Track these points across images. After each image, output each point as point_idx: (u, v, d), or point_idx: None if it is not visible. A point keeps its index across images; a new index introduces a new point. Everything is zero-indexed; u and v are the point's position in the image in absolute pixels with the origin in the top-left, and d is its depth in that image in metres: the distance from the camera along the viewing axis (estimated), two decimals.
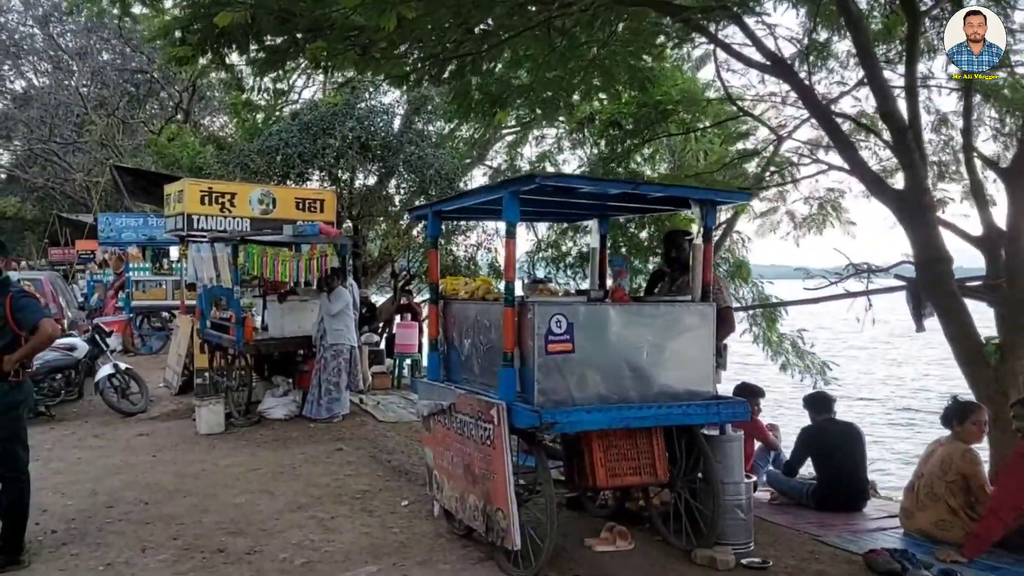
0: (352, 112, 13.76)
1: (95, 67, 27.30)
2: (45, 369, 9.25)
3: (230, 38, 7.34)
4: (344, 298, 8.94)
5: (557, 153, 21.60)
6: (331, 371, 8.79)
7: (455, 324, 4.99)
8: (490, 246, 17.04)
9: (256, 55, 8.26)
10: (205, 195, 10.52)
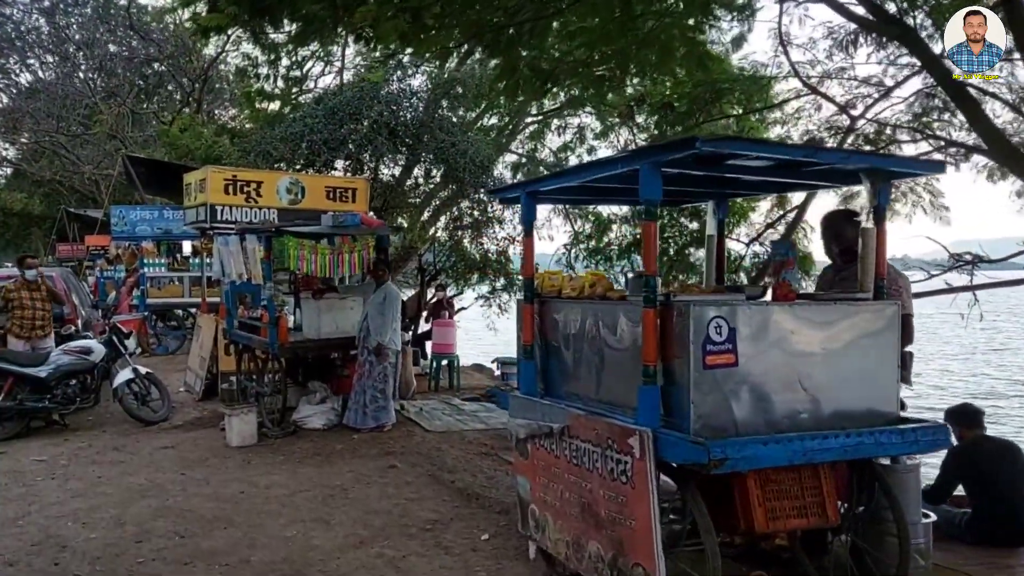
0: (378, 96, 12.88)
1: (102, 58, 26.52)
2: (58, 374, 8.44)
3: (266, 5, 6.50)
4: (392, 295, 8.11)
5: (579, 144, 20.75)
6: (377, 376, 7.95)
7: (556, 327, 4.13)
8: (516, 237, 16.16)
9: (292, 25, 7.42)
10: (229, 184, 9.69)
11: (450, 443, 7.66)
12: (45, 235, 34.08)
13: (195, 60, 23.08)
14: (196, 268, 13.88)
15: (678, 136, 11.55)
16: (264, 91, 20.04)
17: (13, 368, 8.27)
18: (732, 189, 4.42)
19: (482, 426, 8.49)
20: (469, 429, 8.31)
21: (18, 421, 8.31)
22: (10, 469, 6.93)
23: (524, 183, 4.41)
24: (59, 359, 8.53)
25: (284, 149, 12.43)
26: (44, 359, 8.49)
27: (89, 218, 26.49)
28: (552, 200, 5.42)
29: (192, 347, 10.87)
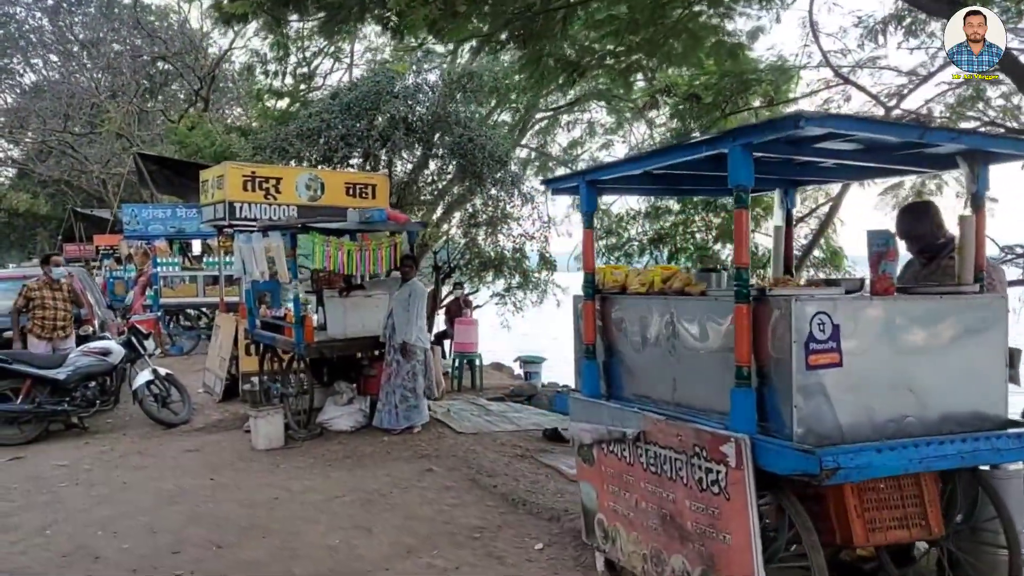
0: (393, 90, 12.62)
1: (108, 57, 26.30)
2: (77, 376, 8.20)
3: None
4: (417, 291, 7.86)
5: (588, 139, 20.48)
6: (406, 375, 7.70)
7: (621, 325, 3.87)
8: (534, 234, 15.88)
9: (318, 15, 7.19)
10: (248, 180, 9.46)
11: (483, 445, 7.41)
12: (51, 235, 33.89)
13: (202, 58, 22.83)
14: (211, 267, 13.66)
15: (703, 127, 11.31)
16: (273, 88, 19.81)
17: (31, 370, 8.03)
18: (803, 176, 4.16)
19: (513, 427, 8.25)
20: (500, 430, 8.07)
21: (37, 424, 8.08)
22: (32, 475, 6.69)
23: (585, 171, 4.15)
24: (78, 360, 8.29)
25: (300, 145, 12.19)
26: (62, 361, 8.26)
27: (96, 218, 26.30)
28: (614, 190, 5.13)
29: (210, 347, 10.63)
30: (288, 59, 19.16)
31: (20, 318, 8.57)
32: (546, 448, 7.53)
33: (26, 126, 24.59)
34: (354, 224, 7.63)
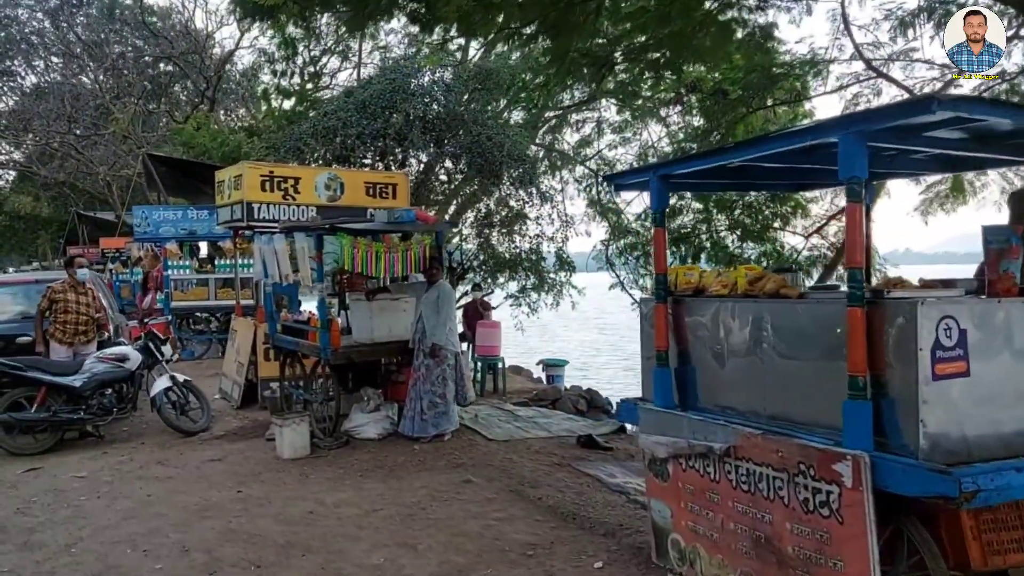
0: (409, 87, 12.37)
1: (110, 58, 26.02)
2: (93, 384, 7.92)
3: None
4: (445, 292, 7.60)
5: (597, 138, 20.15)
6: (435, 380, 7.43)
7: (700, 330, 3.61)
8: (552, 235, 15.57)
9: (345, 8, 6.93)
10: (266, 180, 9.19)
11: (518, 453, 7.15)
12: (52, 238, 33.58)
13: (207, 57, 22.55)
14: (223, 270, 13.38)
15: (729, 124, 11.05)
16: (281, 87, 19.56)
17: (45, 377, 7.75)
18: (891, 169, 3.90)
19: (545, 434, 7.99)
20: (532, 437, 7.81)
21: (52, 433, 7.80)
22: (51, 488, 6.41)
23: (656, 166, 3.88)
24: (94, 367, 8.01)
25: (315, 144, 11.93)
26: (78, 367, 7.98)
27: (100, 220, 25.98)
28: (686, 186, 4.86)
29: (227, 352, 10.35)
30: (296, 58, 18.93)
31: (43, 322, 8.28)
32: (582, 456, 7.26)
33: (29, 128, 24.27)
34: (382, 224, 7.36)
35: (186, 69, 23.22)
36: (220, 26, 30.98)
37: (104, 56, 25.40)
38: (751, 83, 10.56)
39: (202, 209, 13.15)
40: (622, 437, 8.14)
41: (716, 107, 10.99)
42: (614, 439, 7.99)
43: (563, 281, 15.99)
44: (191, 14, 26.87)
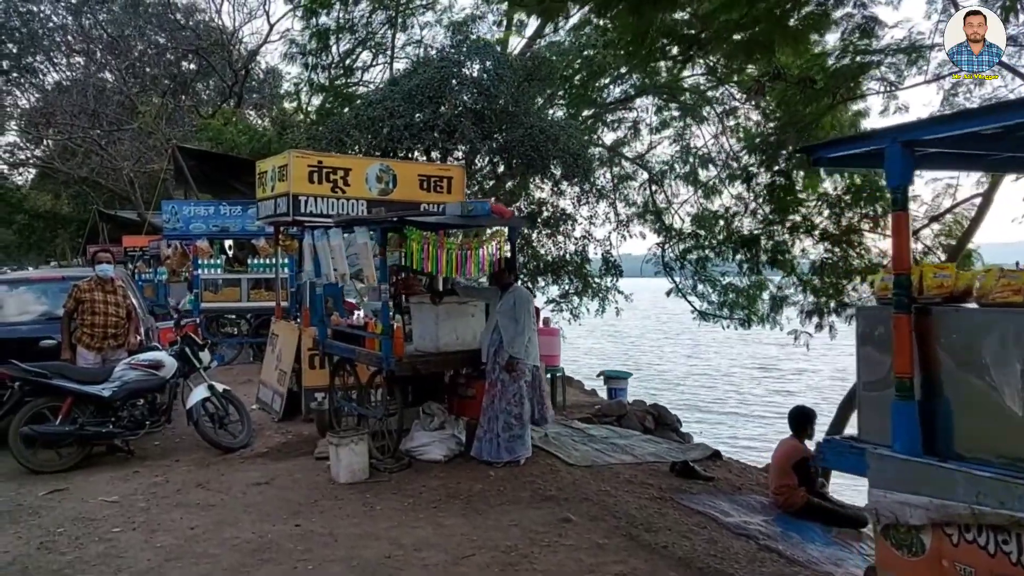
0: (460, 75, 11.50)
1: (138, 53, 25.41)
2: (124, 393, 7.08)
3: None
4: (522, 298, 6.71)
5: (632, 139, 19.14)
6: (511, 398, 6.54)
7: (962, 351, 2.69)
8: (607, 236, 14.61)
9: None
10: (314, 171, 8.37)
11: (608, 482, 6.23)
12: (72, 238, 33.01)
13: (236, 51, 21.84)
14: (257, 269, 12.56)
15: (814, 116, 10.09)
16: (312, 81, 18.75)
17: (72, 386, 6.92)
18: None
19: (630, 459, 7.06)
20: (617, 463, 6.89)
21: (78, 448, 6.97)
22: (78, 515, 5.57)
23: (897, 129, 2.97)
24: (125, 375, 7.17)
25: (358, 135, 11.09)
26: (107, 375, 7.14)
27: (121, 219, 25.35)
28: (936, 161, 3.87)
29: (266, 358, 9.50)
30: (328, 51, 18.14)
31: (70, 324, 7.43)
32: (681, 486, 6.34)
33: (51, 123, 23.63)
34: (454, 218, 6.47)
35: (212, 63, 22.49)
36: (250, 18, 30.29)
37: (128, 51, 24.80)
38: (841, 71, 9.64)
39: (235, 204, 12.34)
40: (717, 464, 7.21)
41: (799, 97, 10.04)
42: (709, 465, 7.05)
43: (609, 286, 15.08)
44: (218, 8, 26.15)
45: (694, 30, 8.04)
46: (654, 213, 14.03)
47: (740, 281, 13.64)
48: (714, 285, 13.17)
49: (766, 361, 37.21)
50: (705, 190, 13.86)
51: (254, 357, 13.13)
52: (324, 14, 17.44)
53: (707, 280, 13.41)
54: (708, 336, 48.53)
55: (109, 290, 7.51)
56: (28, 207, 33.28)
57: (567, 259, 14.67)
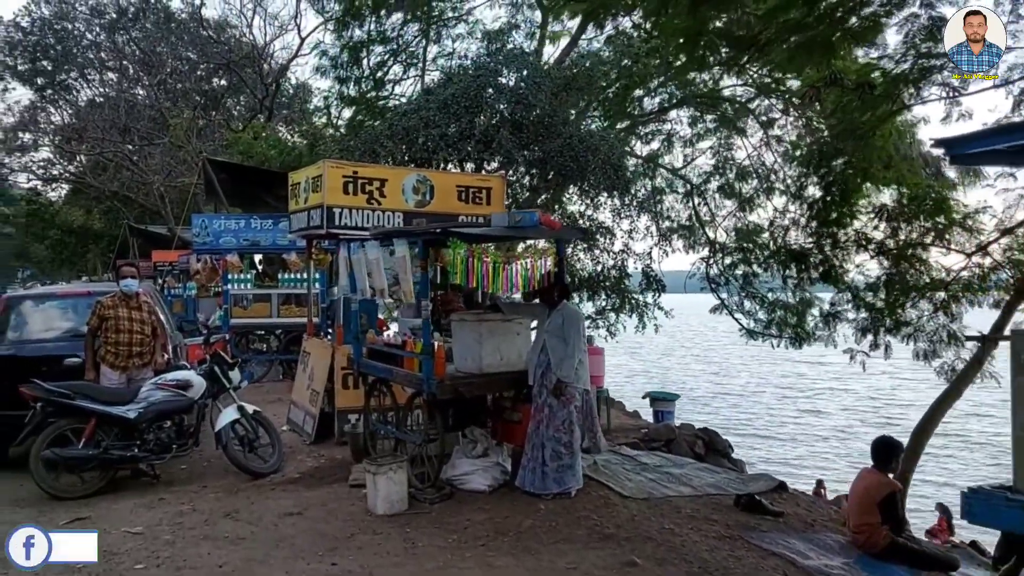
0: (497, 84, 11.13)
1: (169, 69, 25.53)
2: (150, 415, 6.72)
3: None
4: (572, 316, 6.24)
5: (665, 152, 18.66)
6: (560, 425, 6.06)
7: None
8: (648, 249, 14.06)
9: None
10: (349, 181, 8.02)
11: (669, 518, 5.71)
12: (103, 253, 33.17)
13: (267, 65, 21.75)
14: (287, 284, 12.24)
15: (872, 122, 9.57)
16: (343, 95, 18.55)
17: (96, 407, 6.57)
18: None
19: (688, 491, 6.53)
20: (675, 495, 6.36)
21: (101, 473, 6.62)
22: (101, 547, 5.15)
23: None
24: (151, 395, 6.82)
25: (392, 146, 10.74)
26: (133, 395, 6.79)
27: (151, 233, 25.35)
28: None
29: (297, 378, 9.12)
30: (360, 64, 17.94)
31: (94, 342, 7.09)
32: (748, 522, 5.80)
33: (83, 138, 23.73)
34: (500, 230, 6.04)
35: (243, 77, 22.42)
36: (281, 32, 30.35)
37: (160, 67, 24.90)
38: (901, 76, 9.11)
39: (265, 218, 12.05)
40: (783, 497, 6.65)
41: (855, 104, 9.50)
42: (775, 498, 6.50)
43: (648, 302, 14.55)
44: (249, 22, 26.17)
45: (749, 31, 7.58)
46: (696, 227, 13.49)
47: (787, 297, 13.05)
48: (763, 302, 12.57)
49: (796, 380, 36.30)
50: (747, 203, 13.32)
51: (284, 374, 12.79)
52: (356, 26, 17.27)
53: (754, 296, 12.81)
54: (734, 354, 47.68)
55: (134, 306, 7.16)
56: (60, 222, 33.57)
57: (604, 274, 14.20)
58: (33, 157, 28.95)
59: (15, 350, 7.43)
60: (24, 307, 7.69)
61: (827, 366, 36.85)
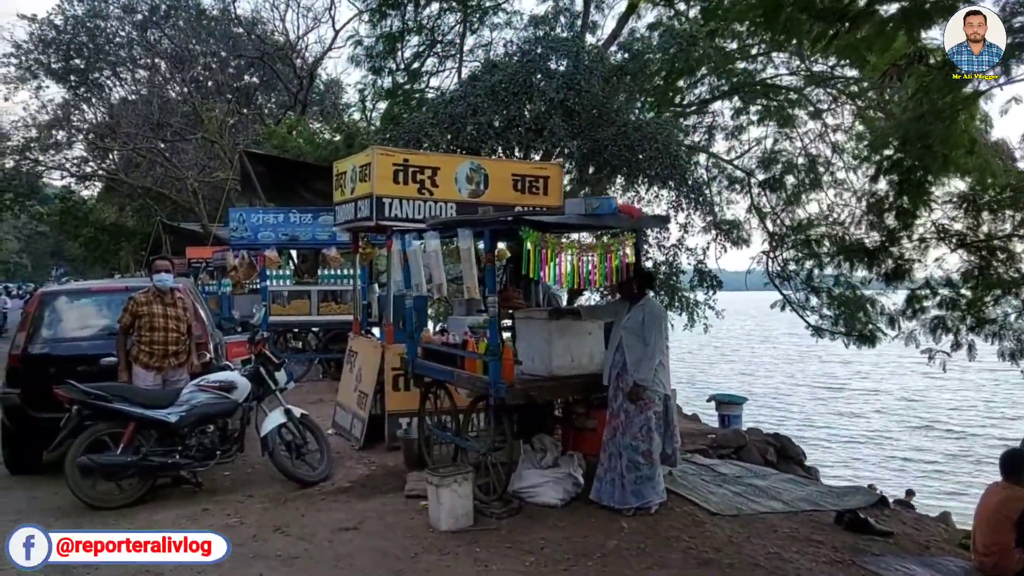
0: (545, 68, 10.54)
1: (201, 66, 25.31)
2: (193, 419, 6.25)
3: None
4: (655, 313, 5.65)
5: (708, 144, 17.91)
6: (638, 432, 5.48)
7: None
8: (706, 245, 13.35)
9: None
10: (399, 169, 7.50)
11: (768, 539, 5.10)
12: (135, 250, 33.14)
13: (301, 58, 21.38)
14: (326, 280, 11.78)
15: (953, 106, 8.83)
16: (377, 86, 18.10)
17: (135, 410, 6.11)
18: None
19: (780, 506, 5.91)
20: (767, 511, 5.75)
21: (140, 481, 6.16)
22: (141, 568, 4.68)
23: None
24: (193, 397, 6.35)
25: (437, 135, 10.22)
26: (174, 397, 6.32)
27: (184, 231, 25.15)
28: None
29: (343, 379, 8.63)
30: (395, 54, 17.48)
31: (127, 341, 6.64)
32: (856, 544, 5.17)
33: (116, 134, 23.56)
34: (576, 218, 5.46)
35: (276, 71, 22.05)
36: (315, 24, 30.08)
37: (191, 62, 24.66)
38: None
39: (305, 212, 11.59)
40: (886, 514, 6.00)
41: (940, 83, 8.74)
42: (877, 515, 5.85)
43: (699, 300, 13.88)
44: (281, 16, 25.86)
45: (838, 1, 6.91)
46: (754, 220, 12.79)
47: (852, 293, 12.29)
48: (830, 297, 11.79)
49: (829, 380, 35.03)
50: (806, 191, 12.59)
51: (323, 373, 12.35)
52: (393, 16, 16.81)
53: (818, 291, 12.05)
54: (766, 353, 46.44)
55: (169, 303, 6.69)
56: (93, 220, 33.62)
57: (655, 270, 13.55)
58: (67, 155, 28.98)
59: (49, 348, 7.01)
60: (58, 303, 7.26)
61: (854, 364, 35.81)
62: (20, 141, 27.15)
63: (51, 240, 59.01)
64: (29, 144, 26.79)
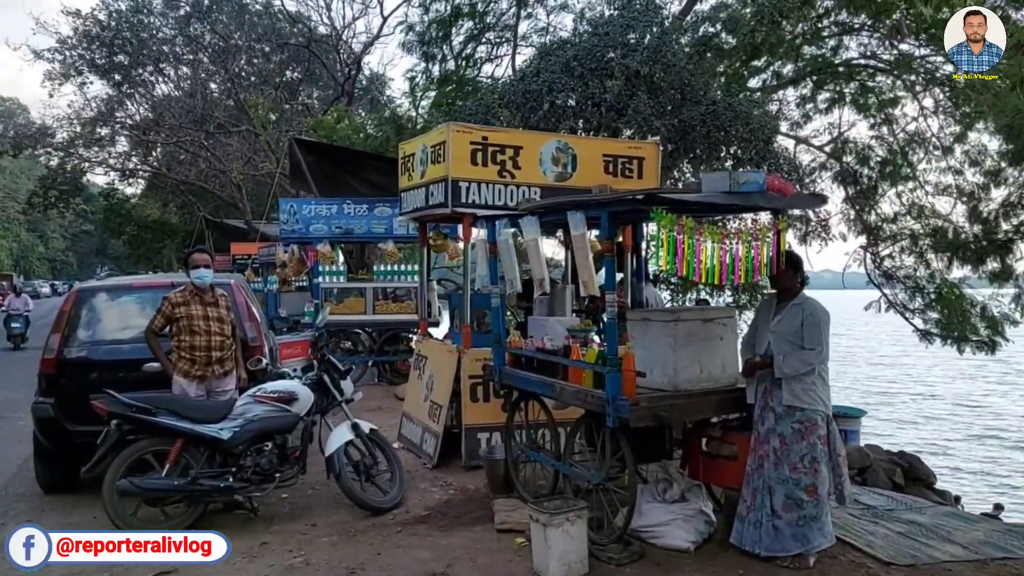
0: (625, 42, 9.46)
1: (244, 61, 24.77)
2: (247, 435, 5.34)
3: None
4: (815, 314, 4.57)
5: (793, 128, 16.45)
6: (798, 462, 4.42)
7: None
8: None
9: None
10: (478, 149, 6.55)
11: None
12: (178, 248, 32.90)
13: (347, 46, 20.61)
14: (382, 276, 10.88)
15: None
16: (430, 73, 17.21)
17: (183, 425, 5.23)
18: None
19: (962, 551, 4.78)
20: (948, 559, 4.63)
21: (189, 508, 5.26)
22: None
23: None
24: (248, 410, 5.44)
25: (509, 116, 9.22)
26: (226, 411, 5.42)
27: (227, 226, 24.70)
28: None
29: (411, 386, 7.69)
30: (449, 40, 16.60)
31: (158, 346, 5.73)
32: None
33: (160, 127, 23.08)
34: (718, 195, 4.40)
35: (323, 60, 21.29)
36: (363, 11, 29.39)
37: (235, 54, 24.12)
38: None
39: (360, 203, 10.69)
40: None
41: None
42: None
43: None
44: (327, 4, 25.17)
45: None
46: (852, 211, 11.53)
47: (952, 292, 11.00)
48: (939, 297, 10.51)
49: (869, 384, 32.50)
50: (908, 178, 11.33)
51: (378, 377, 11.46)
52: None
53: (922, 291, 10.78)
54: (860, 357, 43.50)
55: (209, 302, 5.76)
56: (137, 217, 33.45)
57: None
58: (110, 151, 28.73)
59: (87, 352, 6.17)
60: (97, 301, 6.42)
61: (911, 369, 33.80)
62: (65, 138, 26.93)
63: (96, 238, 59.64)
64: (74, 140, 26.52)
